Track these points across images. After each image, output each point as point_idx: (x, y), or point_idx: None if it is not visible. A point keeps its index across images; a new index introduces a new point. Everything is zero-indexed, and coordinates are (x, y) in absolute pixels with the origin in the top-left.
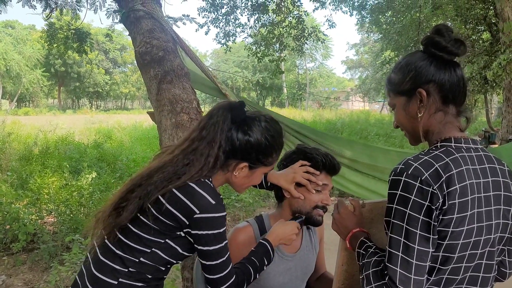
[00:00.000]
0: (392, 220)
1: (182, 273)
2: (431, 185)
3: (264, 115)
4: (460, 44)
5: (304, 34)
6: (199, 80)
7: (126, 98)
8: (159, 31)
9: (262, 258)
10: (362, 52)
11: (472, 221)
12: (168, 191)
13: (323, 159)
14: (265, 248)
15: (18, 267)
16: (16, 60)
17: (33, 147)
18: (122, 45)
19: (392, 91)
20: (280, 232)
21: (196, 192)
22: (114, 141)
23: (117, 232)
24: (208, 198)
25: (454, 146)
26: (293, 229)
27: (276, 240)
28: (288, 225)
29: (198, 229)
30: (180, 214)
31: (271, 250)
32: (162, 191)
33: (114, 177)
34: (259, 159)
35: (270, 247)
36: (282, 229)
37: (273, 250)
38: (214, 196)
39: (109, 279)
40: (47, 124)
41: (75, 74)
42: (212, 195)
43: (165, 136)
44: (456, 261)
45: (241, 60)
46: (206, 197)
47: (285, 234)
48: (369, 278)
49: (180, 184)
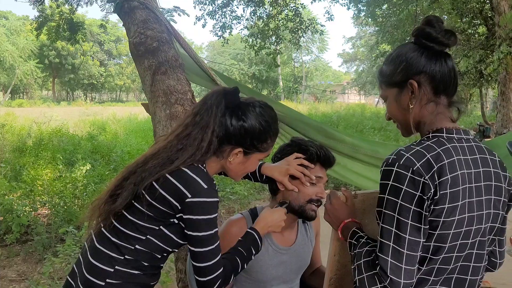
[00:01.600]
0: (384, 210)
1: (176, 264)
2: (422, 175)
3: (258, 100)
4: (451, 34)
5: (301, 27)
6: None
7: (121, 90)
8: (153, 22)
9: (250, 248)
10: (359, 46)
11: (463, 211)
12: (161, 176)
13: (317, 152)
14: (252, 237)
15: (12, 258)
16: (9, 51)
17: (27, 139)
18: (117, 37)
19: (384, 83)
20: (268, 220)
21: (188, 176)
22: (108, 133)
23: (112, 220)
24: (201, 182)
25: (445, 136)
26: (281, 215)
27: (264, 228)
28: (276, 212)
29: (190, 214)
30: (172, 198)
31: (258, 239)
32: (156, 176)
33: (109, 169)
34: (254, 144)
35: (257, 236)
36: (270, 217)
37: (261, 239)
38: (207, 181)
39: (105, 266)
40: (41, 116)
41: (69, 65)
42: (204, 179)
43: (159, 128)
44: (447, 251)
45: (237, 53)
46: (199, 181)
47: (273, 222)
48: (361, 268)
49: (173, 168)
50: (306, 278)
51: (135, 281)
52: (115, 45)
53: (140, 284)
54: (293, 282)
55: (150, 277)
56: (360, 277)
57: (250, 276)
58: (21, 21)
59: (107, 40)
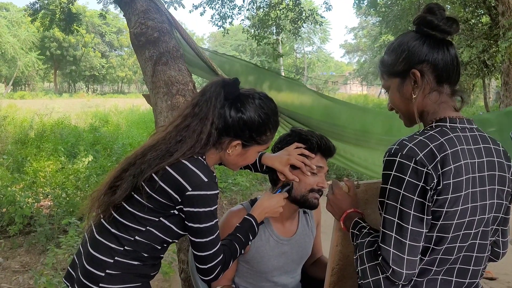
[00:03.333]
0: (386, 200)
1: (178, 255)
2: (425, 165)
3: (258, 92)
4: (453, 22)
5: (301, 17)
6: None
7: (123, 82)
8: (154, 12)
9: (247, 233)
10: (361, 36)
11: (466, 201)
12: (161, 168)
13: (318, 141)
14: (250, 223)
15: (15, 249)
16: (11, 43)
17: (29, 130)
18: (119, 28)
19: (386, 73)
20: (266, 205)
21: (188, 169)
22: (110, 125)
23: (112, 211)
24: (201, 175)
25: (449, 126)
26: (279, 201)
27: (261, 214)
28: (274, 198)
29: (190, 206)
30: (172, 191)
31: (255, 225)
32: (155, 168)
33: (111, 161)
34: (253, 137)
35: (254, 222)
36: (267, 202)
37: (257, 224)
38: (207, 174)
39: (105, 257)
40: (43, 108)
41: (71, 57)
42: (204, 172)
43: (161, 119)
44: (450, 241)
45: (239, 44)
46: (199, 174)
47: (271, 207)
48: (363, 258)
49: (173, 161)
50: (307, 268)
51: (135, 272)
52: (117, 36)
53: (140, 274)
54: (295, 272)
55: (150, 267)
56: (362, 268)
57: (251, 267)
58: (22, 12)
59: (108, 32)
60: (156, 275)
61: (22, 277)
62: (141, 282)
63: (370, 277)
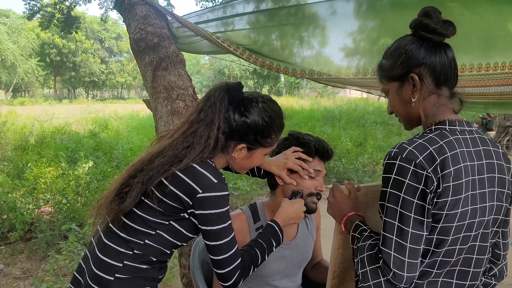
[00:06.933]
0: (387, 204)
1: (179, 260)
2: (425, 168)
3: (262, 95)
4: (449, 25)
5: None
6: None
7: (123, 88)
8: (154, 18)
9: (270, 239)
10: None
11: (466, 203)
12: (171, 174)
13: (316, 145)
14: (273, 229)
15: (16, 256)
16: (11, 50)
17: (29, 137)
18: (118, 34)
19: (384, 77)
20: (289, 211)
21: (198, 172)
22: (110, 131)
23: (121, 217)
24: (210, 177)
25: (448, 128)
26: (301, 206)
27: (285, 220)
28: (296, 203)
29: (201, 209)
30: (183, 194)
31: (279, 231)
32: (165, 174)
33: (111, 166)
34: (257, 140)
35: (278, 228)
36: (291, 208)
37: (281, 231)
38: (216, 176)
39: (114, 261)
40: (43, 114)
41: (70, 63)
42: (214, 174)
43: (161, 124)
44: (450, 244)
45: None
46: (208, 176)
47: (294, 213)
48: (364, 261)
49: (183, 167)
50: (308, 272)
51: (144, 275)
52: (116, 42)
53: (149, 278)
54: (295, 276)
55: (158, 270)
56: (363, 271)
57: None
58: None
59: (107, 38)
60: (163, 278)
61: (23, 284)
62: (150, 286)
63: (371, 280)
